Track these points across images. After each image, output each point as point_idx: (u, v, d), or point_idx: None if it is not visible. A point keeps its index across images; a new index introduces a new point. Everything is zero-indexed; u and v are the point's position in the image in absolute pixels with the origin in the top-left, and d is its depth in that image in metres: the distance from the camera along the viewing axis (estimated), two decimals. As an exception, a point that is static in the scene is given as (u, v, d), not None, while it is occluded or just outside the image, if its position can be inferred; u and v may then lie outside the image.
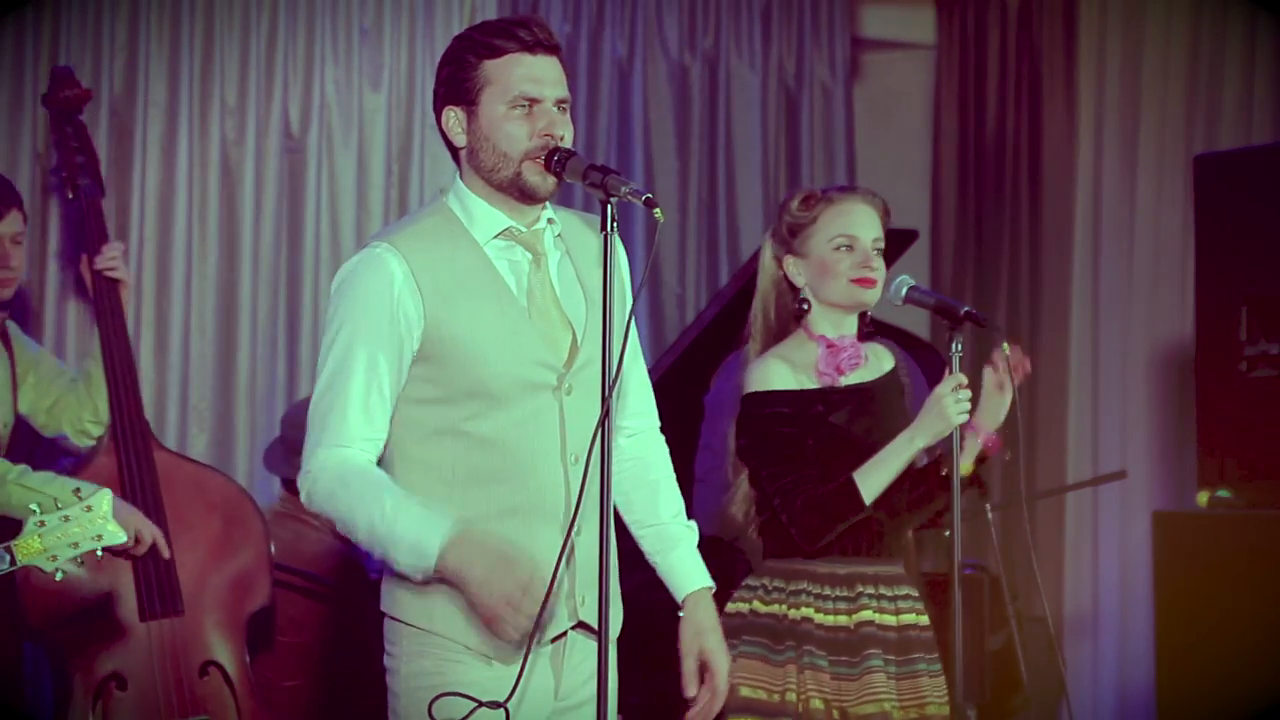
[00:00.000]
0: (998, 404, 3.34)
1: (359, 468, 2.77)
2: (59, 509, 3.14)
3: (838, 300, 3.42)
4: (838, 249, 3.40)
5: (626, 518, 3.05)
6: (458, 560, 2.69)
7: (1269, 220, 4.89)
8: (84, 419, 4.15)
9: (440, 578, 2.72)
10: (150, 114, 5.11)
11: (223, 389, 5.20)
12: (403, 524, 2.71)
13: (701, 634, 2.97)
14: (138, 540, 3.82)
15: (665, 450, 3.11)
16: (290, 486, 4.72)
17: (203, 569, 4.10)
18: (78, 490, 3.18)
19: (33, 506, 3.17)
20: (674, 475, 3.11)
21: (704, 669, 2.96)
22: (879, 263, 3.42)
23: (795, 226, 3.45)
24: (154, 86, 5.12)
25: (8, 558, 3.14)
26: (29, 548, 3.12)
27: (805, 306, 3.44)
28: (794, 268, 3.45)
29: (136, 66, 5.10)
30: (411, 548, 2.70)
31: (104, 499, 3.15)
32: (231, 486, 4.26)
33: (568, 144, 2.82)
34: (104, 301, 4.16)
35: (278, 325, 5.28)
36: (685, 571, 3.01)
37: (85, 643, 3.95)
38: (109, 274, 4.17)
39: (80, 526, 3.13)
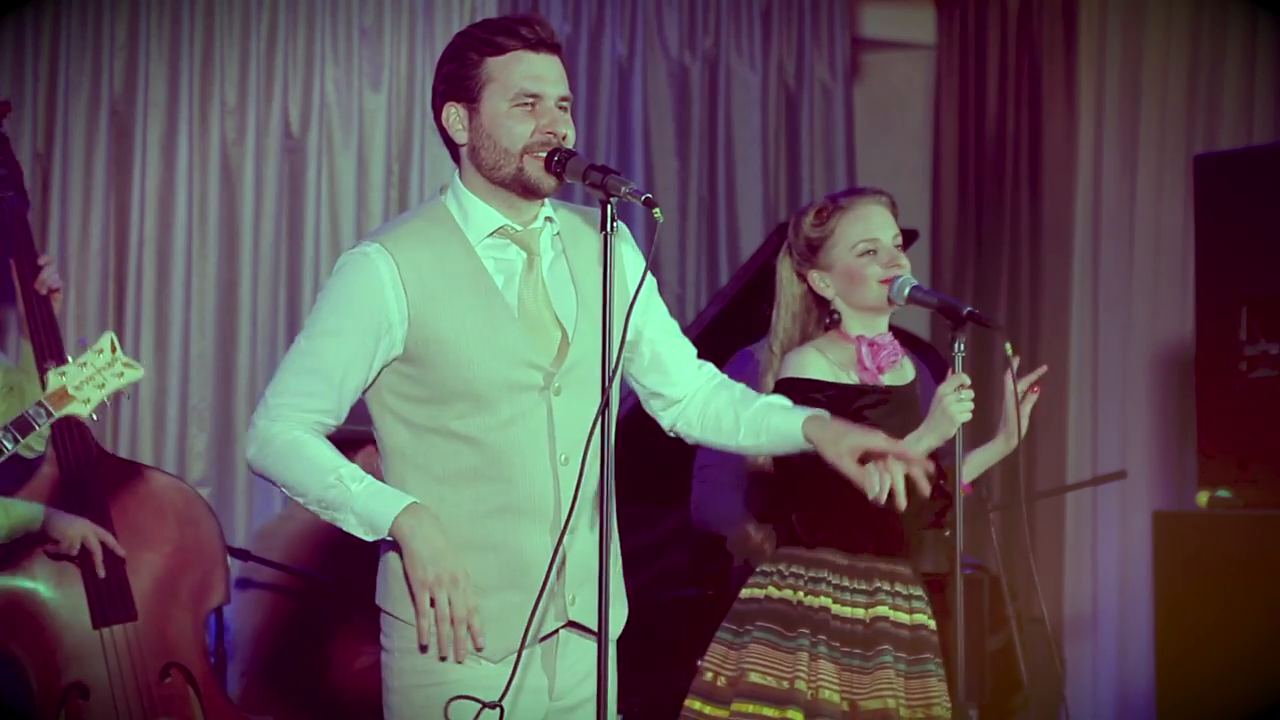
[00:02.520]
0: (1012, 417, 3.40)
1: (314, 437, 2.79)
2: (73, 360, 3.25)
3: (872, 304, 3.41)
4: (862, 255, 3.40)
5: (737, 444, 3.05)
6: (413, 523, 2.72)
7: (1269, 220, 4.88)
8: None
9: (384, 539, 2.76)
10: (150, 114, 5.12)
11: (223, 389, 5.20)
12: (359, 493, 2.74)
13: (841, 435, 2.94)
14: (85, 548, 3.83)
15: (721, 378, 3.09)
16: None
17: (156, 572, 4.09)
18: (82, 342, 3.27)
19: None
20: (742, 385, 3.10)
21: (864, 458, 2.93)
22: (904, 259, 3.43)
23: (814, 241, 3.43)
24: (154, 86, 5.12)
25: (11, 436, 3.27)
26: (59, 399, 3.23)
27: (836, 317, 3.44)
28: (820, 281, 3.44)
29: (136, 66, 5.10)
30: (363, 517, 2.73)
31: (107, 339, 3.27)
32: (181, 488, 4.24)
33: (571, 142, 2.82)
34: (37, 314, 4.00)
35: (278, 325, 5.28)
36: (789, 417, 3.00)
37: (43, 655, 3.93)
38: (50, 290, 4.02)
39: (97, 368, 3.23)
